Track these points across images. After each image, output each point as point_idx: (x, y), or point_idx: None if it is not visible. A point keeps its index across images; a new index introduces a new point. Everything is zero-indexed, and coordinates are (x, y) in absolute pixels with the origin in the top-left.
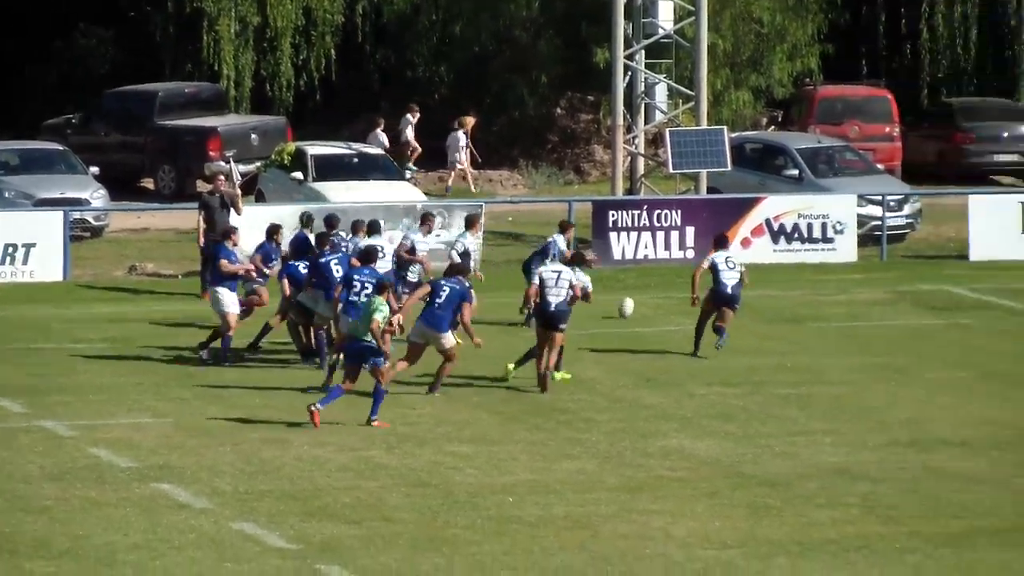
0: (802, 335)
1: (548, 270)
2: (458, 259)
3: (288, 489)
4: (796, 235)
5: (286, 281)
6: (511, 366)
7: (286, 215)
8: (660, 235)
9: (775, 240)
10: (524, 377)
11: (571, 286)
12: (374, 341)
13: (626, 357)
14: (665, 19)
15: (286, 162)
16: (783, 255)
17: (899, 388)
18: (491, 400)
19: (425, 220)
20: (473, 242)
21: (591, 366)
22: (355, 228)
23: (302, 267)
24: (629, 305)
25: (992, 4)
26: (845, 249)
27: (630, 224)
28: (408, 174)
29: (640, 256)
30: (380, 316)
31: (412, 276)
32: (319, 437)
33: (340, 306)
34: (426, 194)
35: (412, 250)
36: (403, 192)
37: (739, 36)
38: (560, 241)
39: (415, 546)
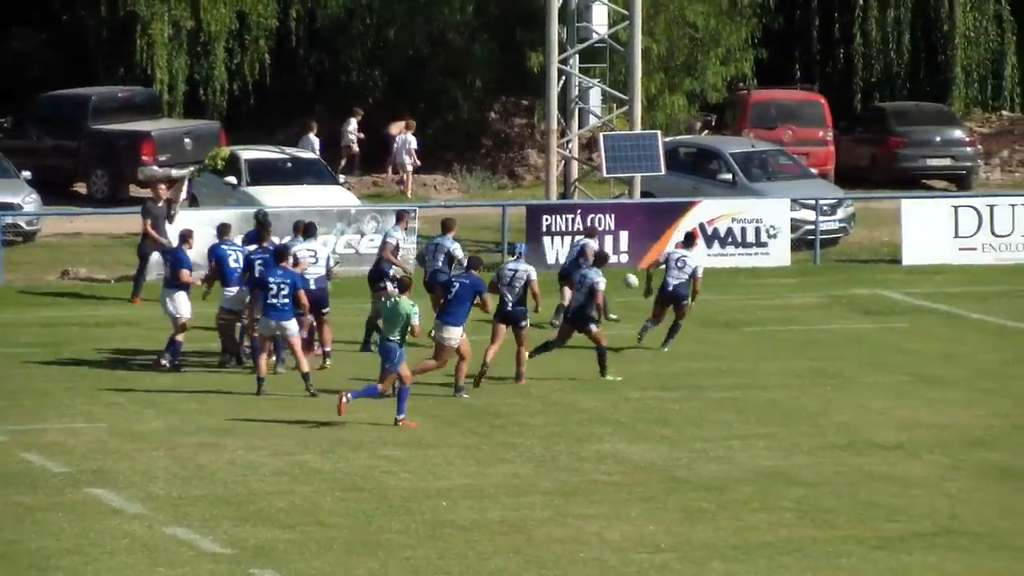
0: (737, 339)
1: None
2: (462, 255)
3: (222, 494)
4: (730, 239)
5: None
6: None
7: (220, 219)
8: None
9: (709, 244)
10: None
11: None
12: (402, 342)
13: (561, 361)
14: (599, 24)
15: (220, 167)
16: (717, 259)
17: (834, 392)
18: (425, 404)
19: (401, 217)
20: (403, 236)
21: (527, 370)
22: (294, 229)
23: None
24: (632, 279)
25: (925, 9)
26: (779, 253)
27: (564, 228)
28: (341, 179)
29: (551, 261)
30: (416, 320)
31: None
32: (253, 441)
33: (259, 306)
34: (360, 198)
35: (396, 249)
36: (337, 196)
37: (673, 41)
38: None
39: (349, 550)
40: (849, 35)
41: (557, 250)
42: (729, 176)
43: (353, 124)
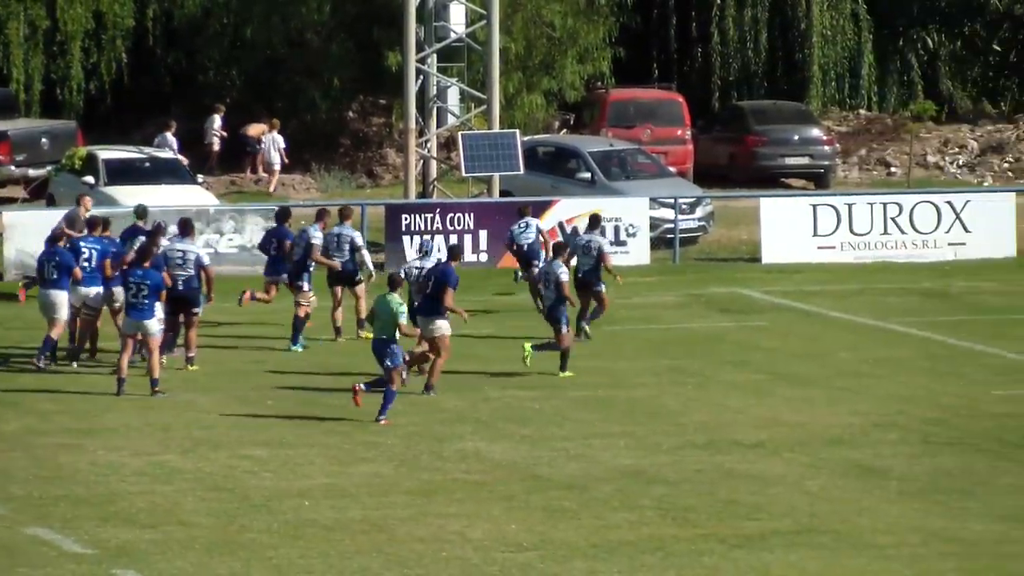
0: (597, 338)
1: None
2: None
3: (83, 494)
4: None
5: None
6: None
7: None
8: (453, 238)
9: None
10: (327, 386)
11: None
12: (397, 341)
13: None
14: (457, 23)
15: (77, 166)
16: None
17: (694, 391)
18: (287, 404)
19: (321, 216)
20: (321, 235)
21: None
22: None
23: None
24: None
25: (782, 8)
26: (638, 252)
27: (423, 227)
28: (200, 178)
29: (433, 259)
30: (404, 319)
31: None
32: (113, 442)
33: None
34: (218, 197)
35: (323, 248)
36: (195, 196)
37: (531, 40)
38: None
39: (211, 550)
40: (707, 34)
41: (416, 249)
42: (588, 175)
43: (217, 121)
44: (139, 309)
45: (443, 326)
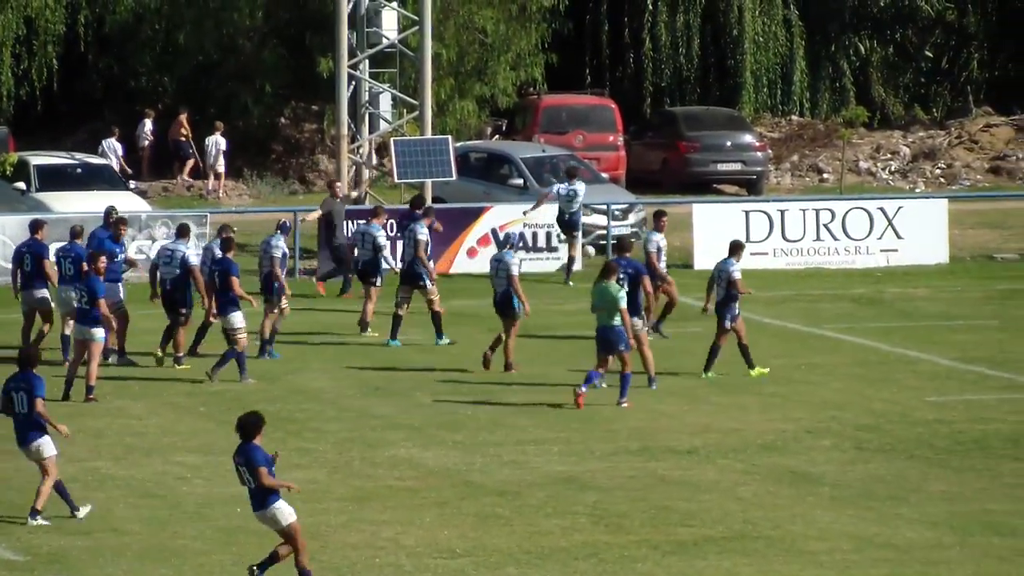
0: (529, 344)
1: None
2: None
3: (16, 501)
4: (521, 244)
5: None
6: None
7: (8, 225)
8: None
9: (500, 249)
10: (259, 393)
11: None
12: (623, 327)
13: (353, 366)
14: (389, 29)
15: (8, 172)
16: None
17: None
18: (218, 410)
19: (377, 213)
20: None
21: (319, 375)
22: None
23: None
24: None
25: (714, 14)
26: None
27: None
28: (132, 184)
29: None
30: (624, 303)
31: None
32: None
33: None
34: (150, 202)
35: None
36: (128, 202)
37: (463, 46)
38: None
39: (143, 557)
40: (639, 40)
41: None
42: (520, 181)
43: (148, 126)
44: (84, 315)
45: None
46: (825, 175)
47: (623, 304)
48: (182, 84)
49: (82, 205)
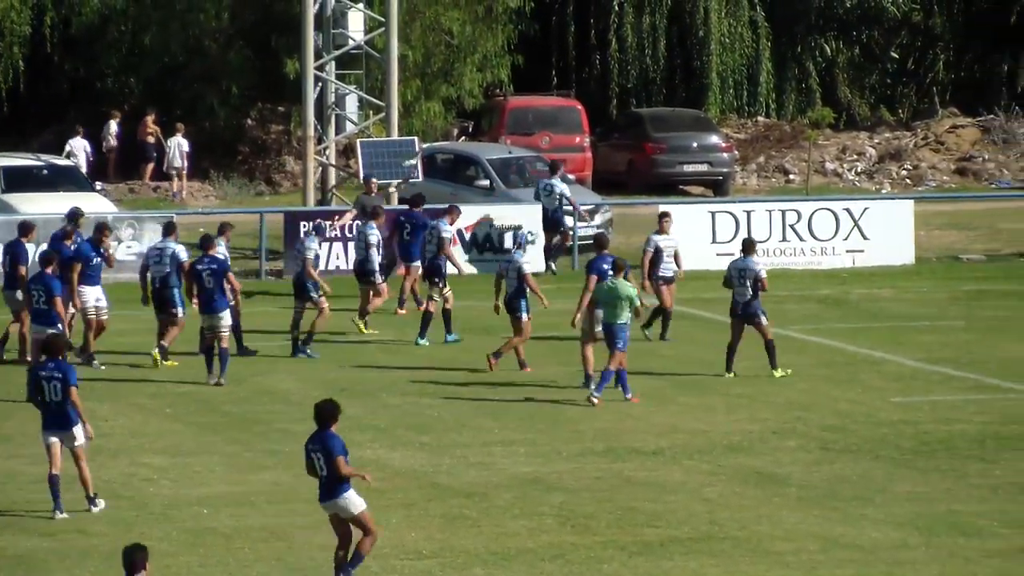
0: (495, 345)
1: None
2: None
3: None
4: (488, 245)
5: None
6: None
7: None
8: (352, 245)
9: (467, 250)
10: (227, 393)
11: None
12: (627, 324)
13: (320, 367)
14: (355, 30)
15: None
16: (476, 265)
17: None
18: (186, 411)
19: (451, 211)
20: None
21: (285, 377)
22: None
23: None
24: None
25: (680, 15)
26: (536, 259)
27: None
28: (99, 185)
29: (332, 267)
30: (639, 300)
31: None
32: (12, 450)
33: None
34: (117, 203)
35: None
36: (93, 203)
37: (429, 47)
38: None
39: (110, 559)
40: (605, 41)
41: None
42: (487, 182)
43: (114, 127)
44: (41, 314)
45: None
46: (791, 176)
47: (638, 302)
48: (148, 85)
49: (49, 206)
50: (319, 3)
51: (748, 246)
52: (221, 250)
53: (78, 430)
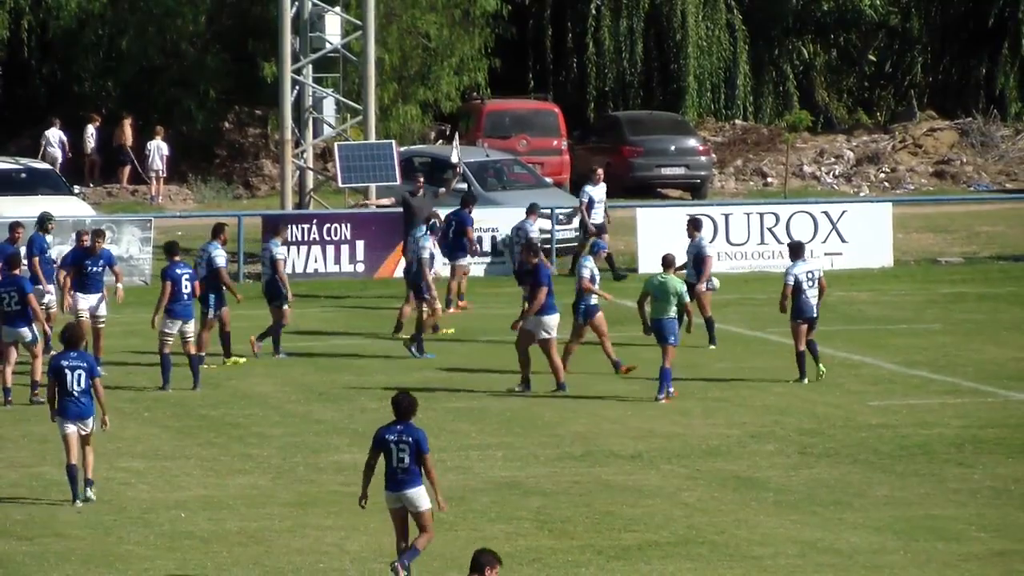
0: (472, 349)
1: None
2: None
3: None
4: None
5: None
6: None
7: None
8: (330, 248)
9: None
10: (203, 398)
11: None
12: (676, 319)
13: (297, 371)
14: (332, 33)
15: None
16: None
17: (570, 401)
18: (163, 415)
19: (532, 210)
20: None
21: (262, 380)
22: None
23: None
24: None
25: (657, 18)
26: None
27: (300, 238)
28: (77, 189)
29: (311, 270)
30: (687, 297)
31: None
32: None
33: None
34: (94, 207)
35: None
36: (72, 207)
37: (406, 51)
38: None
39: (88, 562)
40: (582, 44)
41: (293, 260)
42: (464, 186)
43: (91, 131)
44: (12, 318)
45: None
46: (769, 179)
47: (687, 298)
48: (126, 89)
49: (27, 209)
50: (296, 7)
51: (799, 248)
52: (219, 252)
53: (94, 418)
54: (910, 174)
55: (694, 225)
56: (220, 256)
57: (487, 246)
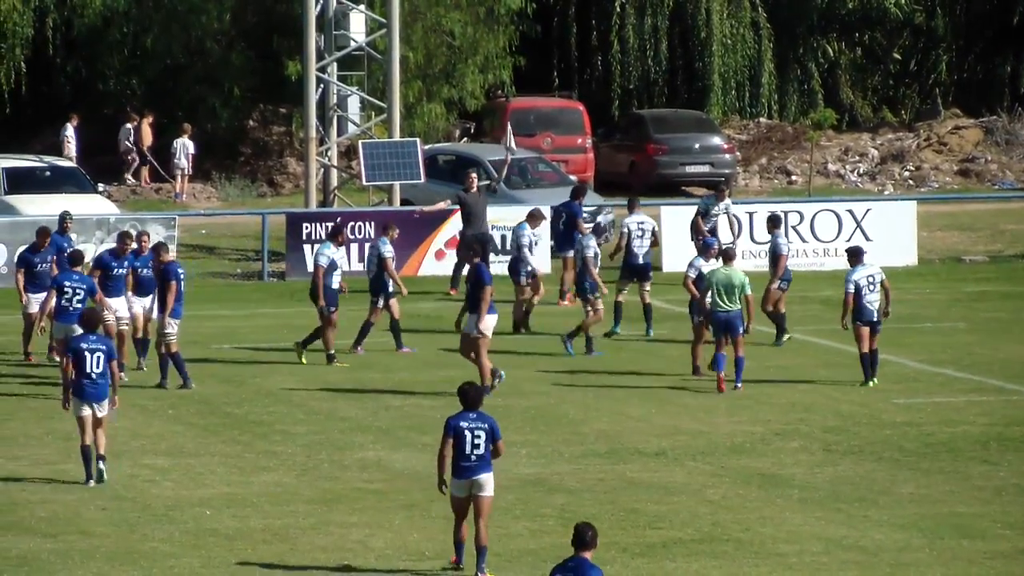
0: (496, 346)
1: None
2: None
3: None
4: (491, 247)
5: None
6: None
7: None
8: (354, 247)
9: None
10: (228, 395)
11: None
12: (743, 311)
13: (321, 369)
14: (357, 31)
15: None
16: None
17: (594, 399)
18: (187, 413)
19: (632, 205)
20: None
21: (286, 378)
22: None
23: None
24: None
25: (682, 16)
26: (539, 260)
27: (324, 236)
28: (101, 187)
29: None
30: (749, 289)
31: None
32: (13, 451)
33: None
34: (119, 205)
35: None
36: (96, 205)
37: (431, 49)
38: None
39: (112, 560)
40: (607, 42)
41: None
42: (488, 183)
43: (131, 131)
44: (71, 315)
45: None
46: (793, 177)
47: (748, 291)
48: (150, 87)
49: (51, 208)
50: (320, 5)
51: (858, 253)
52: (388, 247)
53: (108, 401)
54: (934, 172)
55: (772, 222)
56: (388, 250)
57: (510, 244)
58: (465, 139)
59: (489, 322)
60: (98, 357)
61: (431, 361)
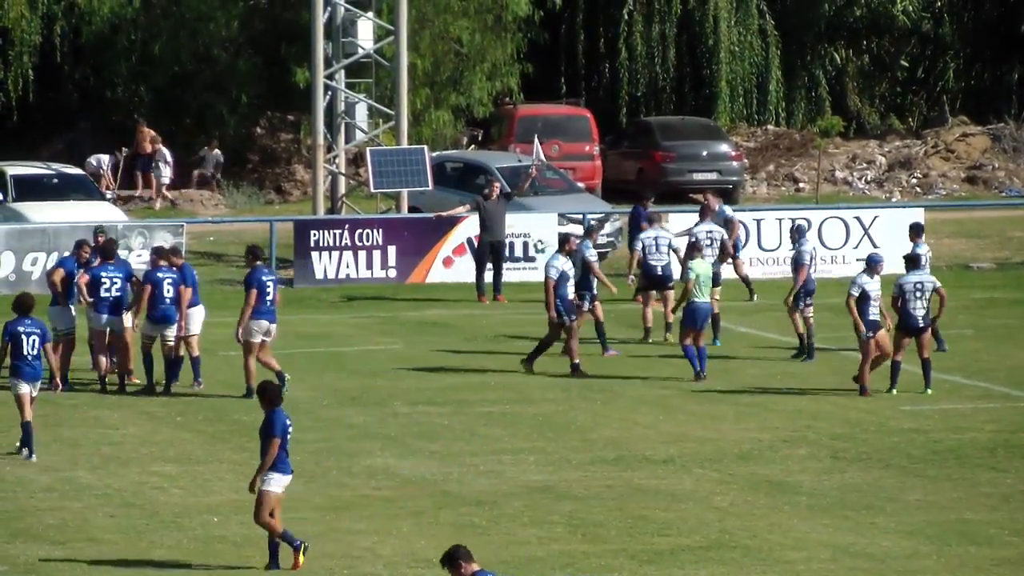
0: (504, 353)
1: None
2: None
3: None
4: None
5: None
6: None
7: None
8: (362, 254)
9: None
10: (236, 402)
11: None
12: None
13: (329, 376)
14: (365, 39)
15: None
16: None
17: (602, 406)
18: (195, 420)
19: (651, 219)
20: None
21: (294, 385)
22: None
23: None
24: None
25: (690, 24)
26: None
27: (332, 243)
28: (108, 194)
29: (342, 275)
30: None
31: None
32: (21, 458)
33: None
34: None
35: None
36: (104, 212)
37: (438, 56)
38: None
39: (120, 567)
40: (614, 49)
41: (325, 266)
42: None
43: (168, 156)
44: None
45: None
46: (801, 184)
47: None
48: (158, 94)
49: (59, 215)
50: (328, 12)
51: (915, 260)
52: (591, 249)
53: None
54: (942, 179)
55: (797, 232)
56: (591, 252)
57: (519, 251)
58: (473, 146)
59: (262, 326)
60: (33, 340)
61: (439, 368)
